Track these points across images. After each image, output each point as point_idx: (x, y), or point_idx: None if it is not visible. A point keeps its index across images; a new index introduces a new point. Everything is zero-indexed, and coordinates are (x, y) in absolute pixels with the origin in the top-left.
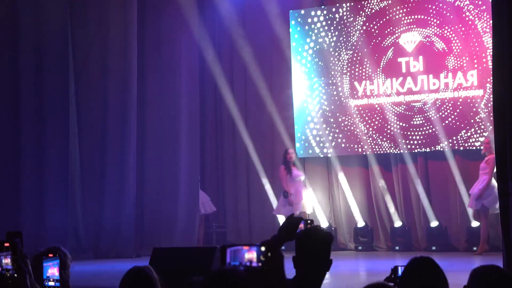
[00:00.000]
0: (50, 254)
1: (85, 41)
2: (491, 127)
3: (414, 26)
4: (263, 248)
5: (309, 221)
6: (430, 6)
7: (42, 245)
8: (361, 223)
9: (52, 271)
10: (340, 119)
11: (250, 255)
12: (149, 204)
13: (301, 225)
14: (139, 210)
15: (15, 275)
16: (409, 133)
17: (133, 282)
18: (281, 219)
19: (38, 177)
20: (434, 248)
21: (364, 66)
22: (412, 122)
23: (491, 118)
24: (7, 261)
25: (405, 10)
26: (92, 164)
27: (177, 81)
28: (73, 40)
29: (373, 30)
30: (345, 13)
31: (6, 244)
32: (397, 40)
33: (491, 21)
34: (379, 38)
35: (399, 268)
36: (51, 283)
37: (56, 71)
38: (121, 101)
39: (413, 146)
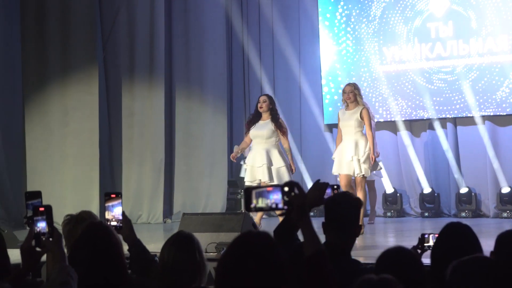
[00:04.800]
0: (113, 195)
1: (112, 7)
2: None
3: None
4: (286, 188)
5: (335, 186)
6: None
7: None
8: (389, 189)
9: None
10: (368, 85)
11: (275, 196)
12: (177, 169)
13: (328, 191)
14: (168, 175)
15: (50, 239)
16: (438, 98)
17: (181, 245)
18: None
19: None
20: (463, 214)
21: (393, 32)
22: (441, 88)
23: None
24: (42, 225)
25: None
26: (119, 130)
27: (204, 50)
28: (100, 6)
29: None
30: None
31: (41, 209)
32: (426, 5)
33: None
34: (408, 3)
35: (431, 236)
36: (114, 223)
37: (83, 36)
38: (148, 65)
39: (442, 112)
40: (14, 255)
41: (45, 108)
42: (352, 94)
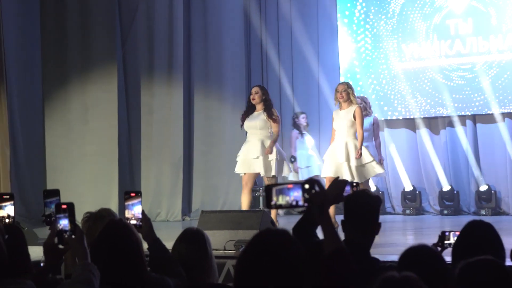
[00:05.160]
0: (132, 193)
1: (131, 5)
2: None
3: None
4: (306, 186)
5: (354, 184)
6: None
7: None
8: (408, 187)
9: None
10: (386, 82)
11: (296, 193)
12: (196, 167)
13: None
14: (186, 173)
15: (73, 236)
16: (457, 96)
17: (189, 241)
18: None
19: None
20: (483, 212)
21: (412, 29)
22: (460, 85)
23: None
24: (64, 222)
25: None
26: (138, 127)
27: (223, 48)
28: (119, 4)
29: None
30: None
31: (64, 206)
32: (445, 2)
33: None
34: (427, 0)
35: (451, 234)
36: (134, 221)
37: (102, 33)
38: (167, 63)
39: (461, 109)
40: (35, 252)
41: (65, 106)
42: (345, 93)
